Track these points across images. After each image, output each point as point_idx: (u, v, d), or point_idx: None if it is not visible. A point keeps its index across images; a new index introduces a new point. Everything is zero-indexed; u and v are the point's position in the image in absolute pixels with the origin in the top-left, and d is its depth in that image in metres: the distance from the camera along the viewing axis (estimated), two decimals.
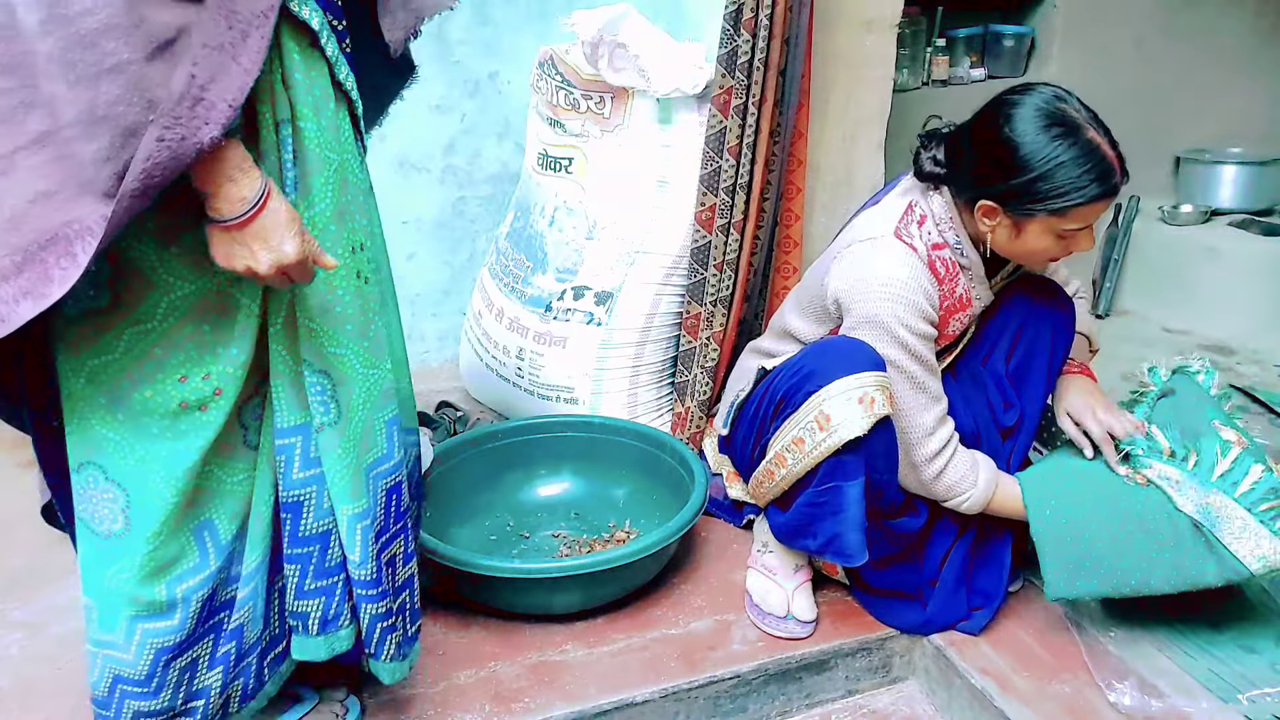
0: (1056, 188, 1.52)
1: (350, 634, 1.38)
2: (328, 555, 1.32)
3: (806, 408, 1.60)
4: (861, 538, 1.60)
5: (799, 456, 1.62)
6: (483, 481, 2.06)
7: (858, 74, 2.34)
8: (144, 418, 1.16)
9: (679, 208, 2.22)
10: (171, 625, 1.23)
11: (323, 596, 1.33)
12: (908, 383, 1.63)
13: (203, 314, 1.16)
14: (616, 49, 2.17)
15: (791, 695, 1.72)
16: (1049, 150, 1.51)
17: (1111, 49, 3.46)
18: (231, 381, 1.18)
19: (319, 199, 1.19)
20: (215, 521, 1.24)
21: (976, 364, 1.78)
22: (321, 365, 1.22)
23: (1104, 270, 3.52)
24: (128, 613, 1.22)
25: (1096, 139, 1.53)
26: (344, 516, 1.28)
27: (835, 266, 1.69)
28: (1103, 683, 1.60)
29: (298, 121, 1.15)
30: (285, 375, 1.22)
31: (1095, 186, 1.52)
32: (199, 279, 1.14)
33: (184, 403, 1.16)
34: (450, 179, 2.76)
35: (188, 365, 1.16)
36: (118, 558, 1.20)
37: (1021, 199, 1.55)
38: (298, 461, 1.26)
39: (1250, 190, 3.55)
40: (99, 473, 1.18)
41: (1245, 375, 2.98)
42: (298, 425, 1.25)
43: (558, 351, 2.29)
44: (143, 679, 1.24)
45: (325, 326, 1.21)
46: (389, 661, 1.40)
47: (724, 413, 1.93)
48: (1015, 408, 1.76)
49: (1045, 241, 1.59)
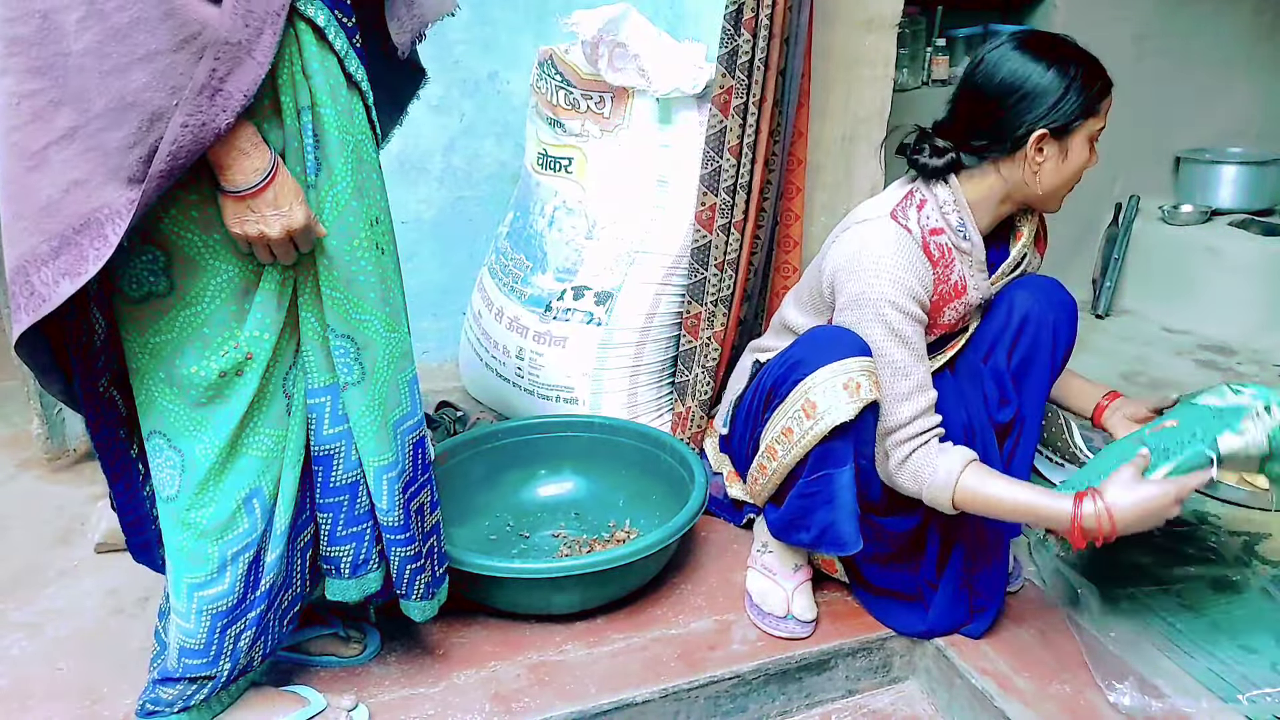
0: (1087, 89, 1.60)
1: (379, 577, 1.50)
2: (356, 504, 1.43)
3: (793, 397, 1.61)
4: (854, 526, 1.60)
5: (788, 447, 1.62)
6: (483, 481, 2.06)
7: (858, 74, 2.34)
8: (191, 389, 1.28)
9: (679, 207, 2.22)
10: (223, 589, 1.35)
11: (353, 542, 1.46)
12: (889, 367, 1.60)
13: (242, 293, 1.28)
14: (616, 49, 2.17)
15: (791, 695, 1.72)
16: (1059, 65, 1.59)
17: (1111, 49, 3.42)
18: (261, 345, 1.29)
19: (340, 177, 1.29)
20: (263, 488, 1.35)
21: (977, 360, 1.77)
22: (345, 330, 1.34)
23: (1104, 270, 3.52)
24: (185, 580, 1.35)
25: (1071, 43, 1.64)
26: (371, 469, 1.40)
27: (831, 250, 1.71)
28: (1103, 683, 1.60)
29: (317, 108, 1.26)
30: (314, 340, 1.34)
31: (1102, 79, 1.63)
32: (238, 262, 1.27)
33: (222, 372, 1.28)
34: (450, 179, 2.76)
35: (225, 338, 1.28)
36: (179, 519, 1.33)
37: (1066, 114, 1.60)
38: (327, 419, 1.38)
39: (1250, 190, 3.55)
40: (164, 440, 1.32)
41: (1245, 375, 2.98)
42: (326, 385, 1.37)
43: (557, 351, 2.29)
44: (201, 648, 1.37)
45: (350, 295, 1.33)
46: (419, 600, 1.53)
47: (723, 412, 1.93)
48: (1012, 404, 1.75)
49: (1084, 153, 1.65)
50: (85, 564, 1.94)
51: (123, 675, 1.60)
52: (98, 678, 1.61)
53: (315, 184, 1.28)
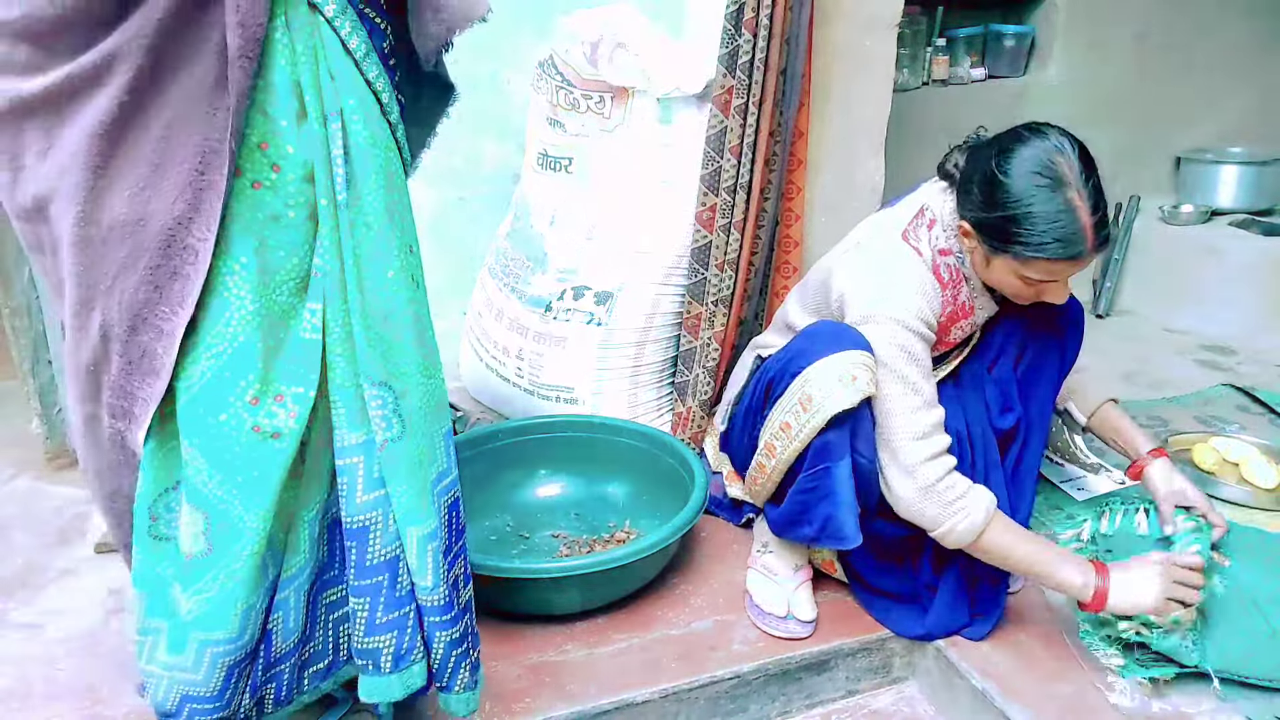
0: (1020, 234, 1.51)
1: (423, 669, 1.30)
2: (398, 584, 1.25)
3: (791, 390, 1.61)
4: (854, 519, 1.59)
5: (786, 441, 1.62)
6: (483, 481, 2.05)
7: (858, 74, 2.34)
8: (219, 441, 1.12)
9: (679, 207, 2.21)
10: (240, 643, 1.20)
11: (394, 630, 1.26)
12: (900, 384, 1.60)
13: (272, 329, 1.12)
14: (616, 49, 2.16)
15: (792, 695, 1.72)
16: (1026, 196, 1.50)
17: (1112, 49, 3.46)
18: (304, 403, 1.14)
19: (368, 195, 1.14)
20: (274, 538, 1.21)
21: (981, 369, 1.78)
22: (383, 377, 1.17)
23: (1104, 270, 3.52)
24: (198, 635, 1.18)
25: (1076, 202, 1.48)
26: (413, 538, 1.22)
27: (840, 265, 1.70)
28: (1103, 684, 1.60)
29: (346, 115, 1.11)
30: (347, 389, 1.16)
31: (1056, 247, 1.49)
32: (260, 293, 1.10)
33: (257, 427, 1.11)
34: (450, 179, 2.75)
35: (258, 387, 1.12)
36: (199, 578, 1.16)
37: (990, 231, 1.55)
38: (360, 483, 1.20)
39: (1250, 190, 3.55)
40: (183, 494, 1.15)
41: (1245, 375, 2.98)
42: (360, 443, 1.18)
43: (558, 351, 2.29)
44: (214, 694, 1.20)
45: (386, 334, 1.17)
46: (462, 692, 1.33)
47: (724, 410, 1.93)
48: (1014, 411, 1.75)
49: (1010, 280, 1.59)
50: (85, 564, 1.94)
51: (123, 675, 1.60)
52: (98, 678, 1.61)
53: (346, 203, 1.12)
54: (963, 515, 1.57)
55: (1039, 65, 3.48)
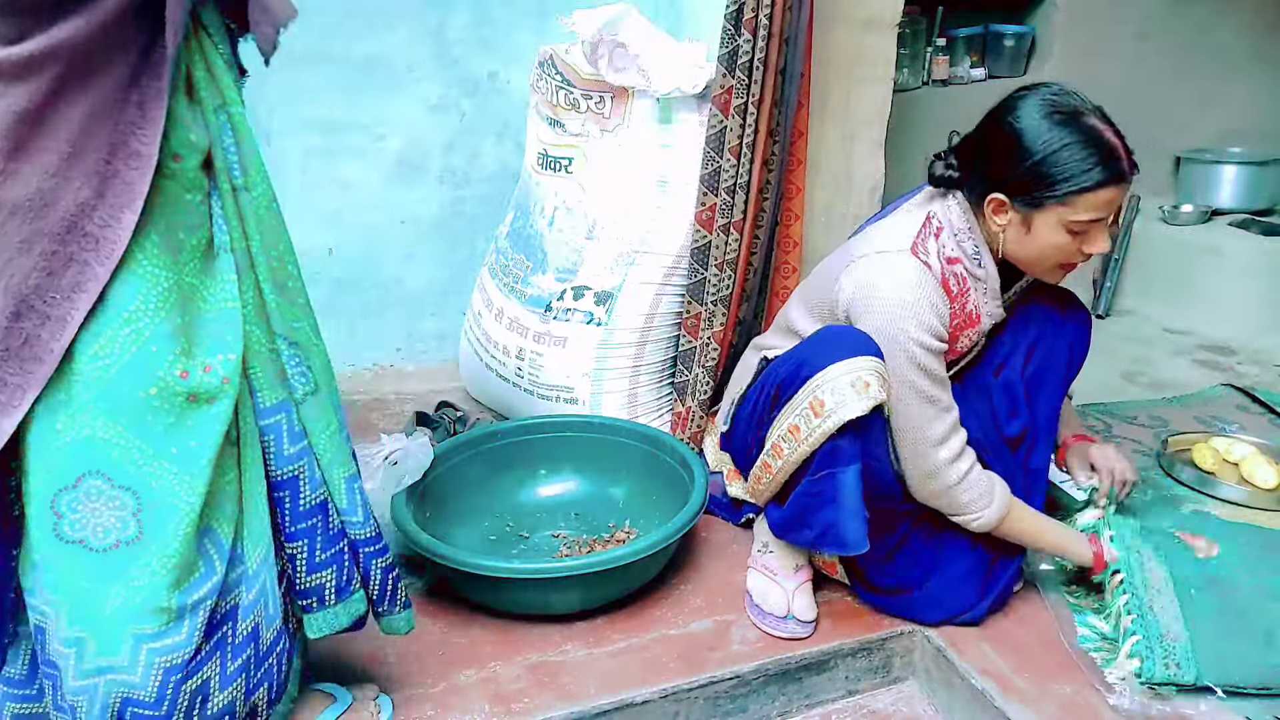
0: (1057, 173, 1.51)
1: (363, 597, 1.42)
2: (330, 524, 1.36)
3: (801, 394, 1.60)
4: (861, 526, 1.59)
5: (794, 445, 1.62)
6: (482, 482, 2.05)
7: (858, 74, 2.34)
8: (148, 416, 1.14)
9: (679, 207, 2.21)
10: (179, 640, 1.19)
11: (333, 566, 1.37)
12: (916, 396, 1.62)
13: (185, 305, 1.17)
14: (616, 49, 2.16)
15: (791, 695, 1.72)
16: (1050, 135, 1.52)
17: (1112, 48, 3.46)
18: (235, 371, 1.20)
19: (256, 181, 1.23)
20: (215, 528, 1.22)
21: (987, 374, 1.79)
22: (290, 336, 1.27)
23: (1104, 270, 3.53)
24: (130, 631, 1.16)
25: (1099, 125, 1.53)
26: (340, 481, 1.34)
27: (847, 275, 1.68)
28: (1102, 684, 1.60)
29: (229, 107, 1.20)
30: (262, 353, 1.25)
31: (1099, 170, 1.51)
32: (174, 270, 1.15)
33: (192, 395, 1.16)
34: (450, 179, 2.75)
35: (183, 359, 1.16)
36: (126, 569, 1.16)
37: (1027, 188, 1.54)
38: (285, 438, 1.29)
39: (1250, 190, 3.55)
40: (102, 481, 1.14)
41: (1245, 375, 2.98)
42: (280, 402, 1.28)
43: (557, 351, 2.29)
44: (153, 701, 1.18)
45: (284, 301, 1.27)
46: (402, 611, 1.46)
47: (725, 409, 1.93)
48: (1022, 417, 1.76)
49: (1056, 237, 1.57)
50: None
51: None
52: None
53: (243, 185, 1.21)
54: (984, 507, 1.67)
55: (1039, 65, 3.48)
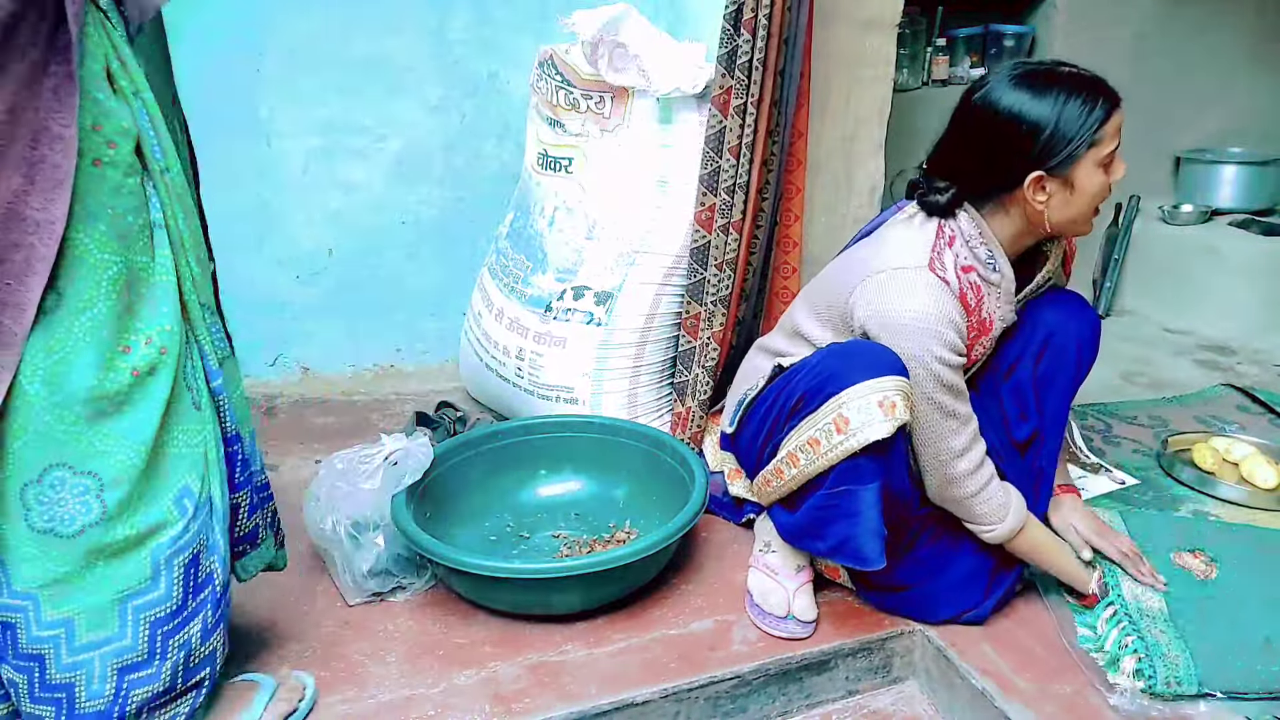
0: (1073, 120, 1.56)
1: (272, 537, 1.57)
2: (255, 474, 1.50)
3: (825, 409, 1.59)
4: (880, 544, 1.59)
5: (813, 458, 1.61)
6: (483, 482, 2.05)
7: (857, 74, 2.34)
8: (100, 402, 1.20)
9: (679, 208, 2.21)
10: (159, 595, 1.27)
11: (260, 509, 1.53)
12: (938, 410, 1.62)
13: (132, 284, 1.23)
14: (616, 49, 2.16)
15: (792, 695, 1.72)
16: (1047, 96, 1.56)
17: (1112, 48, 3.46)
18: (172, 339, 1.26)
19: (173, 161, 1.30)
20: (190, 486, 1.31)
21: (996, 378, 1.79)
22: (209, 305, 1.38)
23: (1104, 270, 3.52)
24: (113, 595, 1.24)
25: (1068, 68, 1.60)
26: (247, 434, 1.47)
27: (863, 290, 1.65)
28: (1102, 684, 1.60)
29: (142, 93, 1.25)
30: (202, 322, 1.35)
31: (1104, 100, 1.58)
32: (122, 254, 1.21)
33: (135, 370, 1.22)
34: (450, 179, 2.75)
35: (125, 335, 1.22)
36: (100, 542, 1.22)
37: (1055, 150, 1.57)
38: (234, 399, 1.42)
39: (1250, 190, 3.55)
40: (66, 471, 1.19)
41: (1245, 375, 2.98)
42: (221, 364, 1.39)
43: (557, 351, 2.29)
44: (144, 659, 1.27)
45: (202, 272, 1.36)
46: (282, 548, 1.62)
47: (731, 410, 1.91)
48: (1031, 421, 1.76)
49: (1096, 179, 1.61)
50: None
51: None
52: None
53: (164, 167, 1.28)
54: (999, 521, 1.69)
55: None
